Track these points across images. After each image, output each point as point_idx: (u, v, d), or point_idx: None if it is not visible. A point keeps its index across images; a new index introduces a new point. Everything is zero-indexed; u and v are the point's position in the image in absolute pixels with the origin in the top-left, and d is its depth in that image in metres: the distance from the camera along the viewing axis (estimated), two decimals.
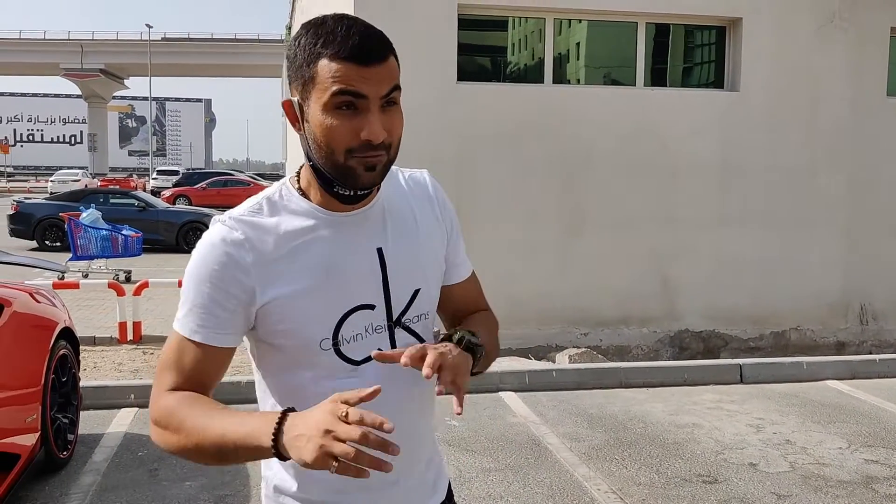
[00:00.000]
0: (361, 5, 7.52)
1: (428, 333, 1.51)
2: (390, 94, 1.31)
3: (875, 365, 6.82)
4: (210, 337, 1.36)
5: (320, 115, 1.30)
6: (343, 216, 1.41)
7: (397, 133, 1.35)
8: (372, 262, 1.42)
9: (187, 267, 1.38)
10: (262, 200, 1.42)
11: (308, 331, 1.37)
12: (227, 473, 4.53)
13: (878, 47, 8.49)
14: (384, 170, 1.35)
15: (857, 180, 8.53)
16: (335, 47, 1.29)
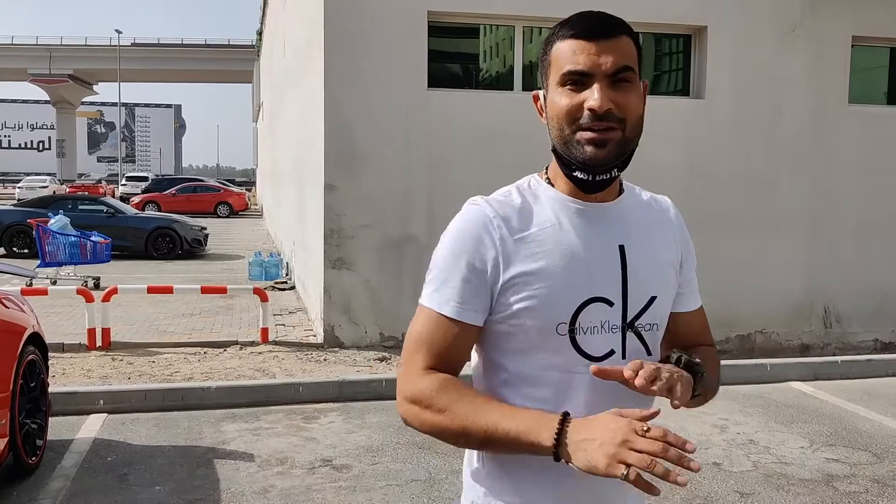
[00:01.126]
0: (332, 13, 7.57)
1: (655, 347, 1.47)
2: (620, 73, 1.32)
3: (837, 366, 6.97)
4: (460, 311, 1.37)
5: (553, 95, 1.36)
6: (589, 206, 1.42)
7: (632, 110, 1.34)
8: (613, 257, 1.41)
9: (439, 245, 1.42)
10: (512, 189, 1.47)
11: (548, 311, 1.36)
12: (198, 478, 4.54)
13: (839, 56, 8.67)
14: (618, 149, 1.35)
15: (820, 185, 8.70)
16: (568, 29, 1.35)
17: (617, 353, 1.40)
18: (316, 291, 8.47)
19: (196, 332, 8.51)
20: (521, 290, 1.36)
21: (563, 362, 1.37)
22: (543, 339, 1.37)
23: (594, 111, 1.30)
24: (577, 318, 1.37)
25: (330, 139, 7.64)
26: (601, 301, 1.38)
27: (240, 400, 5.93)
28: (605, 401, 1.33)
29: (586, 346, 1.38)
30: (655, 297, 1.44)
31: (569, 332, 1.37)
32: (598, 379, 1.32)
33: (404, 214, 7.79)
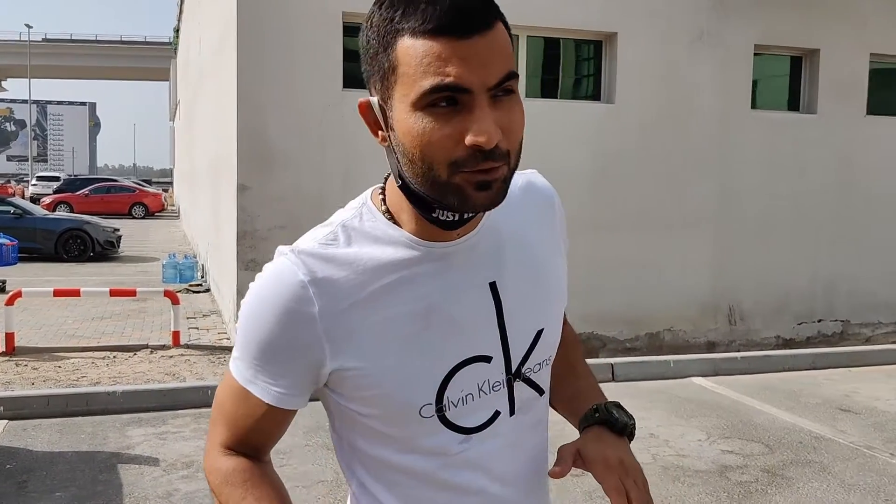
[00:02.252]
0: (244, 11, 7.50)
1: (546, 381, 1.22)
2: (505, 82, 0.96)
3: (737, 362, 7.26)
4: (267, 393, 1.09)
5: (409, 119, 0.96)
6: (446, 246, 1.08)
7: (517, 135, 0.99)
8: (484, 301, 1.11)
9: (242, 307, 1.11)
10: (337, 229, 1.11)
11: (403, 396, 1.06)
12: (100, 483, 4.45)
13: (743, 63, 9.01)
14: (504, 187, 1.00)
15: (725, 188, 9.02)
16: (418, 17, 0.94)
17: (504, 413, 1.14)
18: (229, 294, 8.37)
19: (106, 336, 8.32)
20: (364, 378, 1.06)
21: (435, 445, 1.10)
22: (404, 425, 1.08)
23: (481, 148, 0.94)
24: (445, 391, 1.08)
25: (242, 139, 7.56)
26: (475, 361, 1.10)
27: (147, 404, 5.82)
28: (502, 469, 1.15)
29: (462, 420, 1.11)
30: (542, 330, 1.16)
31: (436, 412, 1.08)
32: (484, 450, 1.13)
33: (319, 216, 7.55)
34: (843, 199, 9.41)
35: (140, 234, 22.98)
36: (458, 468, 1.12)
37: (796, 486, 4.59)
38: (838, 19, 9.21)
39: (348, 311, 1.05)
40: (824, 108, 9.30)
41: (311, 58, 7.64)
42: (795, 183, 9.21)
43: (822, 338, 9.46)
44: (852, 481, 4.69)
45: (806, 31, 9.16)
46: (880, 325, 9.73)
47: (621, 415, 1.19)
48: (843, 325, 9.58)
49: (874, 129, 9.50)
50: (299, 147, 7.66)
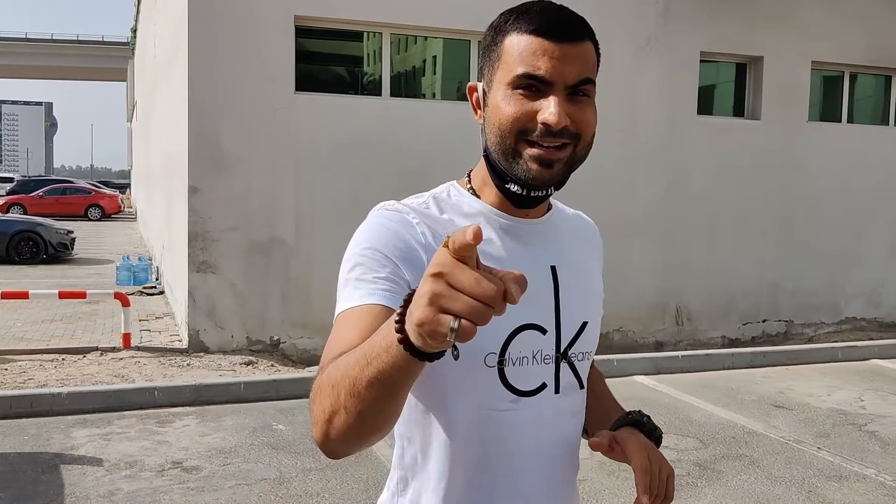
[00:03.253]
0: (196, 12, 7.52)
1: (585, 378, 1.33)
2: (581, 85, 1.16)
3: (678, 361, 7.45)
4: (387, 298, 1.11)
5: (500, 95, 1.17)
6: (519, 222, 1.26)
7: (587, 128, 1.19)
8: (546, 279, 1.26)
9: (352, 246, 1.18)
10: (429, 199, 1.26)
11: (476, 339, 0.99)
12: (42, 484, 4.47)
13: (689, 70, 9.22)
14: (565, 170, 1.20)
15: (672, 192, 9.22)
16: (526, 21, 1.17)
17: (549, 387, 1.25)
18: (181, 296, 8.37)
19: (55, 338, 8.27)
20: None
21: (488, 399, 1.19)
22: (468, 371, 1.16)
23: (549, 126, 1.14)
24: (508, 347, 1.19)
25: (194, 140, 7.58)
26: (534, 328, 1.22)
27: (92, 405, 5.83)
28: (538, 442, 1.24)
29: (515, 381, 1.21)
30: (587, 323, 1.30)
31: (498, 363, 1.19)
32: (527, 416, 1.22)
33: (271, 217, 7.81)
34: (787, 203, 9.68)
35: (95, 236, 22.71)
36: (503, 426, 1.21)
37: (725, 479, 4.76)
38: (781, 27, 9.47)
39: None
40: (768, 114, 9.55)
41: (264, 60, 7.69)
42: (740, 187, 9.45)
43: (767, 337, 9.72)
44: (779, 474, 4.87)
45: (750, 39, 9.42)
46: (822, 325, 10.02)
47: (650, 421, 1.33)
48: (786, 325, 9.85)
49: (816, 135, 9.78)
50: (251, 149, 7.69)
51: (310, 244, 7.85)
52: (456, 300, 0.82)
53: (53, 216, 22.81)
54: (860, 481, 4.79)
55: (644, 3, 8.91)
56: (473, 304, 0.81)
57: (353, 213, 8.13)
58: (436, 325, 0.82)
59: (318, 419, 1.04)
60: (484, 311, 0.81)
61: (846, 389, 7.01)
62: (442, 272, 0.82)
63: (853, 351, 8.39)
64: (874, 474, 4.91)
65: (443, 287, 0.82)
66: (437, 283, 0.82)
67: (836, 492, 4.62)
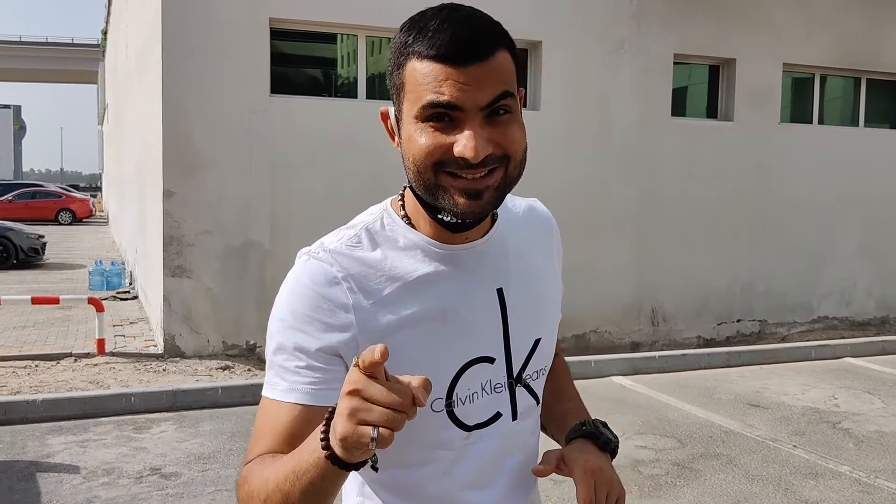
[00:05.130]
0: (169, 14, 7.46)
1: (541, 392, 1.30)
2: (497, 102, 1.06)
3: (655, 361, 7.51)
4: (301, 394, 1.10)
5: (411, 129, 1.08)
6: (458, 249, 1.17)
7: (514, 146, 1.08)
8: (491, 305, 1.20)
9: (272, 314, 1.15)
10: (361, 232, 1.18)
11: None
12: (17, 492, 4.42)
13: (663, 72, 9.29)
14: (498, 196, 1.10)
15: (646, 193, 9.29)
16: (423, 44, 1.06)
17: (506, 415, 1.22)
18: (156, 300, 8.30)
19: (28, 344, 8.16)
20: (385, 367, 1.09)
21: (441, 440, 1.18)
22: (416, 420, 1.09)
23: (466, 161, 1.05)
24: (454, 389, 1.16)
25: (168, 144, 7.52)
26: (481, 361, 1.18)
27: (67, 412, 5.76)
28: (499, 467, 1.23)
29: (467, 418, 1.18)
30: (540, 339, 1.25)
31: (445, 407, 1.16)
32: (485, 447, 1.20)
33: (246, 221, 7.76)
34: (759, 204, 9.78)
35: (67, 240, 22.45)
36: (459, 462, 1.19)
37: (703, 478, 4.80)
38: (753, 30, 9.58)
39: (376, 306, 1.13)
40: (740, 115, 9.66)
41: (238, 63, 7.64)
42: (714, 188, 9.54)
43: (741, 337, 9.81)
44: (756, 472, 4.93)
45: (723, 41, 9.51)
46: (796, 324, 10.14)
47: (606, 431, 1.28)
48: (760, 325, 9.95)
49: (788, 136, 9.90)
50: (226, 152, 7.64)
51: (285, 247, 7.81)
52: (371, 412, 0.89)
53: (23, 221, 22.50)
54: (835, 478, 4.86)
55: (617, 6, 8.98)
56: (387, 413, 0.89)
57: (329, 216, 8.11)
58: (358, 437, 0.89)
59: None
60: (397, 418, 0.89)
61: (820, 388, 7.10)
62: (356, 389, 0.90)
63: (826, 349, 8.50)
64: (848, 471, 4.98)
65: (358, 402, 0.89)
66: (353, 400, 0.90)
67: (811, 489, 4.68)
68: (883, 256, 10.53)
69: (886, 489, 4.70)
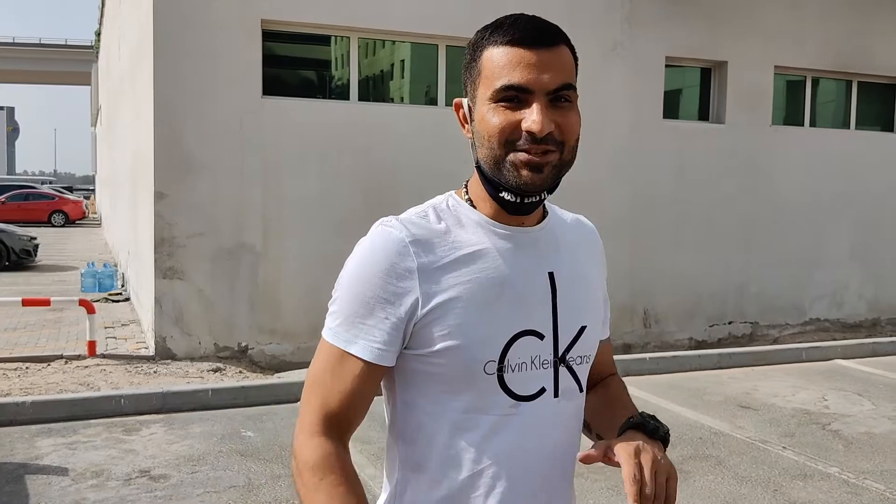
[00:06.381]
0: (161, 16, 7.46)
1: (585, 381, 1.37)
2: (561, 90, 1.21)
3: (646, 363, 7.52)
4: (366, 350, 1.23)
5: (484, 109, 1.22)
6: (516, 230, 1.29)
7: (572, 132, 1.23)
8: (543, 285, 1.29)
9: (343, 271, 1.26)
10: (429, 209, 1.31)
11: (474, 350, 1.22)
12: (5, 494, 4.40)
13: (655, 75, 9.32)
14: (555, 174, 1.23)
15: (639, 195, 9.30)
16: (501, 33, 1.21)
17: (548, 391, 1.29)
18: (148, 302, 8.28)
19: (19, 346, 8.14)
20: (444, 327, 1.22)
21: (489, 404, 1.25)
22: (468, 378, 1.23)
23: (533, 134, 1.18)
24: (507, 354, 1.24)
25: (160, 145, 7.51)
26: (531, 334, 1.27)
27: (57, 414, 5.74)
28: (538, 444, 1.28)
29: (515, 386, 1.25)
30: (585, 327, 1.33)
31: (497, 370, 1.24)
32: (527, 420, 1.26)
33: (238, 223, 7.76)
34: (751, 206, 9.81)
35: (59, 242, 22.39)
36: (505, 430, 1.26)
37: (692, 480, 4.81)
38: (745, 33, 9.61)
39: (439, 270, 1.23)
40: (732, 117, 9.68)
41: (230, 64, 7.64)
42: (706, 190, 9.56)
43: (733, 339, 9.84)
44: (745, 474, 4.94)
45: (714, 44, 9.54)
46: (787, 325, 10.16)
47: (655, 421, 1.31)
48: (752, 327, 9.98)
49: (779, 139, 9.93)
50: (218, 154, 7.63)
51: (277, 249, 7.81)
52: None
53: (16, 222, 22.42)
54: (824, 480, 4.87)
55: (609, 9, 9.00)
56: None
57: (321, 218, 8.12)
58: None
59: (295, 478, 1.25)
60: None
61: (810, 389, 7.12)
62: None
63: (817, 351, 8.52)
64: (837, 472, 5.00)
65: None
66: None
67: (800, 490, 4.69)
68: (874, 259, 10.57)
69: (874, 490, 4.72)
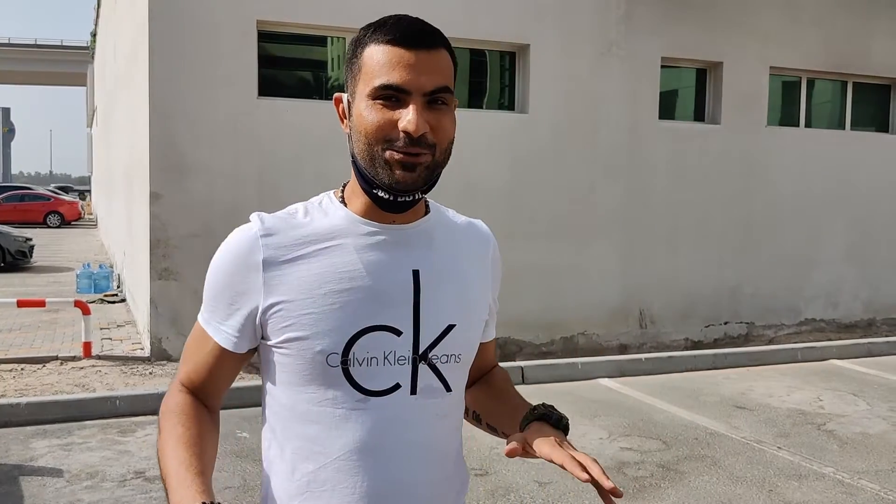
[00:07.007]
0: (156, 17, 7.45)
1: (457, 380, 1.37)
2: (438, 93, 1.23)
3: (642, 363, 7.53)
4: (218, 333, 1.32)
5: (363, 105, 1.24)
6: (383, 228, 1.31)
7: (445, 135, 1.26)
8: (405, 283, 1.30)
9: (212, 261, 1.34)
10: (300, 206, 1.36)
11: (315, 341, 1.25)
12: (0, 495, 4.39)
13: (650, 75, 9.32)
14: (428, 173, 1.26)
15: (634, 196, 9.31)
16: (382, 32, 1.24)
17: (404, 387, 1.30)
18: (143, 303, 8.27)
19: (14, 347, 8.12)
20: (287, 319, 1.27)
21: (336, 396, 1.27)
22: (314, 370, 1.27)
23: (409, 134, 1.21)
24: (351, 348, 1.26)
25: (155, 146, 7.50)
26: (384, 330, 1.28)
27: (52, 416, 5.73)
28: (394, 442, 1.29)
29: (363, 380, 1.27)
30: (454, 326, 1.33)
31: (341, 363, 1.26)
32: (378, 416, 1.28)
33: (234, 224, 7.47)
34: (746, 206, 9.82)
35: (55, 243, 22.35)
36: (353, 424, 1.28)
37: (688, 480, 4.82)
38: (740, 34, 9.62)
39: (288, 262, 1.28)
40: (727, 118, 9.70)
41: (225, 66, 7.63)
42: (701, 190, 9.57)
43: (729, 339, 9.85)
44: (740, 474, 4.95)
45: (710, 45, 9.55)
46: (783, 326, 10.18)
47: (556, 412, 1.35)
48: (747, 327, 9.99)
49: (775, 139, 9.95)
50: (213, 155, 7.63)
51: None
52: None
53: (11, 223, 22.39)
54: (819, 480, 4.88)
55: (605, 9, 9.00)
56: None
57: None
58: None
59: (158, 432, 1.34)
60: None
61: (805, 389, 7.13)
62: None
63: (812, 352, 8.54)
64: (832, 473, 5.01)
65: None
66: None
67: (795, 491, 4.70)
68: (869, 259, 10.59)
69: (869, 490, 4.73)
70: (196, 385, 1.36)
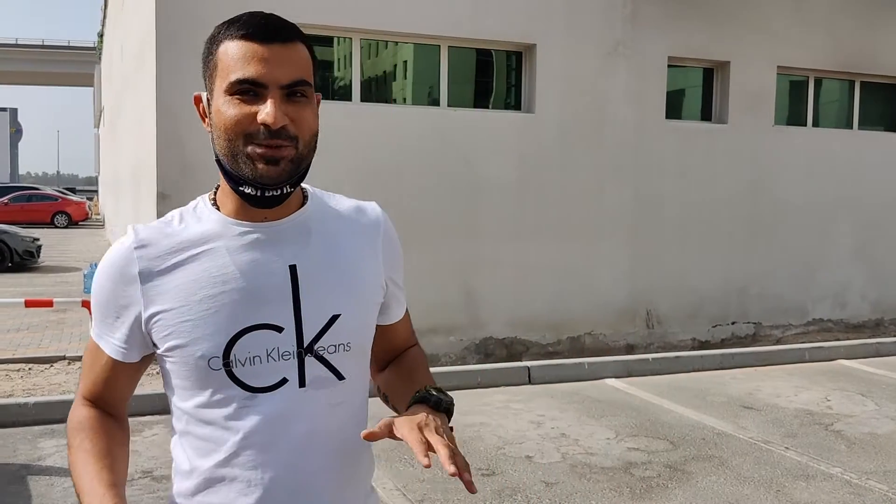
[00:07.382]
0: (163, 18, 7.47)
1: (351, 369, 1.37)
2: (296, 86, 1.23)
3: (648, 363, 7.51)
4: (108, 345, 1.34)
5: (220, 102, 1.24)
6: (255, 226, 1.31)
7: (307, 127, 1.26)
8: (282, 279, 1.30)
9: (95, 275, 1.36)
10: (176, 213, 1.35)
11: (195, 346, 1.27)
12: (9, 495, 4.41)
13: (657, 74, 9.30)
14: (293, 167, 1.26)
15: (641, 196, 9.29)
16: (235, 28, 1.24)
17: (292, 381, 1.31)
18: None
19: (22, 347, 8.15)
20: (167, 328, 1.28)
21: (225, 397, 1.29)
22: (198, 374, 1.28)
23: (268, 127, 1.21)
24: (232, 350, 1.27)
25: (162, 146, 7.52)
26: (264, 328, 1.28)
27: (60, 415, 5.73)
28: (276, 432, 1.30)
29: (248, 379, 1.29)
30: (339, 316, 1.33)
31: (223, 366, 1.27)
32: (267, 410, 1.29)
33: None
34: (753, 206, 9.80)
35: (62, 243, 22.41)
36: (243, 421, 1.29)
37: (695, 480, 4.81)
38: (748, 33, 9.59)
39: (163, 272, 1.29)
40: (735, 118, 9.67)
41: None
42: (708, 190, 9.55)
43: (736, 339, 9.82)
44: (748, 474, 4.93)
45: (717, 44, 9.53)
46: (790, 326, 10.15)
47: (439, 394, 1.34)
48: (755, 327, 9.96)
49: (782, 139, 9.92)
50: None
51: None
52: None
53: (19, 224, 22.46)
54: (827, 480, 4.86)
55: (611, 8, 8.99)
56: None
57: None
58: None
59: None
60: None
61: (813, 390, 7.11)
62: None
63: (820, 352, 8.51)
64: (840, 473, 4.99)
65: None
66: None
67: (803, 491, 4.68)
68: (877, 259, 10.55)
69: (877, 490, 4.71)
70: (98, 397, 1.38)
